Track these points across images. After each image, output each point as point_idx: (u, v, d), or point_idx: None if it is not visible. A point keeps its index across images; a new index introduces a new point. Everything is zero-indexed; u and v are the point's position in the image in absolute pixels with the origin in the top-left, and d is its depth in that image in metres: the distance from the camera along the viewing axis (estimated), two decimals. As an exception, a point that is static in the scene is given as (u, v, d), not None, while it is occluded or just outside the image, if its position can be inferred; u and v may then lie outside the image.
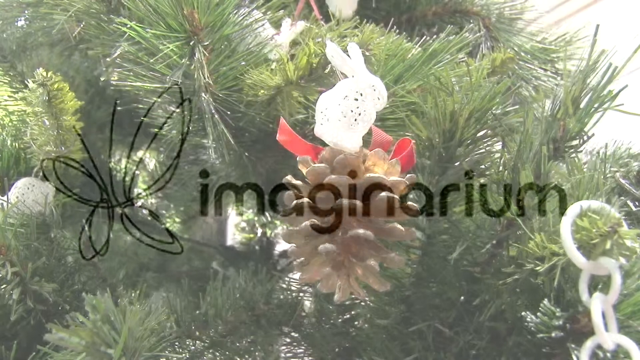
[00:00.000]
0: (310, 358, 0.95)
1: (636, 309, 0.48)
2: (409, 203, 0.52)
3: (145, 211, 1.39)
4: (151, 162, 1.47)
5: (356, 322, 0.87)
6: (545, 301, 0.48)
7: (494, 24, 1.05)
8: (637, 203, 0.69)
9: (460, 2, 1.07)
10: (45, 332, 0.65)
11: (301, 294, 0.89)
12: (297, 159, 0.52)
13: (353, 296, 0.86)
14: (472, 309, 0.68)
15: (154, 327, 0.52)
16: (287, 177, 0.53)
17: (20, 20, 1.04)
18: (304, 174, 0.52)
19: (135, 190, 1.38)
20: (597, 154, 0.73)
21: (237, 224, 1.53)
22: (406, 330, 0.75)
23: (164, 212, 1.34)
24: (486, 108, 0.61)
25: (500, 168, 0.62)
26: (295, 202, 0.50)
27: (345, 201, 0.48)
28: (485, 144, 0.64)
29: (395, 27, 1.07)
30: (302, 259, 0.53)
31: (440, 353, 0.73)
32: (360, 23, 0.77)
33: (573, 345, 0.44)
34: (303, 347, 0.89)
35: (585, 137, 0.52)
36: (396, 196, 0.49)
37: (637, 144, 0.78)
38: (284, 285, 0.90)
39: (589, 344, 0.42)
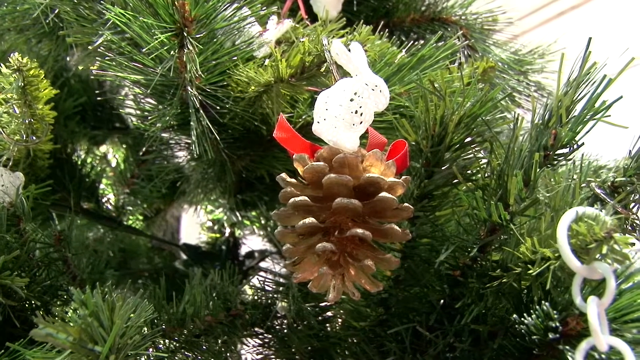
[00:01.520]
0: (278, 360, 0.94)
1: (618, 314, 0.50)
2: (405, 204, 0.52)
3: (109, 206, 1.36)
4: (114, 157, 1.44)
5: (330, 324, 0.87)
6: (545, 304, 0.49)
7: (472, 33, 1.07)
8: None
9: (439, 10, 1.09)
10: (14, 328, 0.62)
11: (276, 295, 0.88)
12: (294, 156, 0.52)
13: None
14: (453, 312, 0.69)
15: (140, 324, 0.50)
16: (281, 174, 0.53)
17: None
18: (301, 172, 0.51)
19: (101, 186, 1.34)
20: (573, 164, 0.75)
21: (203, 223, 1.50)
22: (384, 333, 0.76)
23: (129, 208, 1.30)
24: (476, 114, 0.62)
25: (488, 174, 0.63)
26: (293, 200, 0.50)
27: (345, 200, 0.48)
28: (473, 150, 0.65)
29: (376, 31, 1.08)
30: (295, 258, 0.52)
31: (417, 355, 0.73)
32: (347, 24, 0.77)
33: (567, 347, 0.46)
34: (274, 349, 0.88)
35: (575, 146, 0.54)
36: (394, 197, 0.49)
37: (609, 155, 0.81)
38: (259, 285, 0.89)
39: (583, 345, 0.43)
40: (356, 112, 0.49)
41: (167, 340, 0.79)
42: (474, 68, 0.80)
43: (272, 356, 0.90)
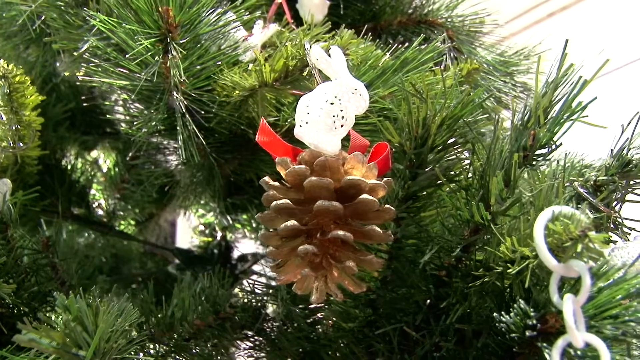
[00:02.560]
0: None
1: (598, 311, 0.50)
2: (386, 206, 0.52)
3: (100, 212, 1.36)
4: (105, 162, 1.44)
5: (320, 326, 0.87)
6: (522, 302, 0.49)
7: (457, 35, 1.08)
8: (594, 211, 0.72)
9: (425, 13, 1.10)
10: (1, 335, 0.62)
11: (266, 298, 0.89)
12: (276, 160, 0.52)
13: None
14: (438, 312, 0.69)
15: (124, 329, 0.51)
16: (264, 178, 0.53)
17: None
18: (283, 175, 0.52)
19: (92, 191, 1.34)
20: (557, 163, 0.76)
21: (196, 227, 1.51)
22: (372, 334, 0.76)
23: (121, 212, 1.31)
24: (458, 116, 0.63)
25: (470, 174, 0.64)
26: (275, 203, 0.50)
27: (326, 203, 0.48)
28: (455, 151, 0.65)
29: (359, 35, 1.09)
30: (279, 260, 0.53)
31: (405, 355, 0.74)
32: (332, 28, 0.78)
33: (545, 344, 0.46)
34: (265, 352, 0.89)
35: (553, 146, 0.55)
36: (375, 198, 0.50)
37: (593, 154, 0.82)
38: (249, 289, 0.89)
39: (560, 342, 0.44)
40: (336, 115, 0.50)
41: (156, 345, 0.79)
42: (458, 70, 0.81)
43: (264, 359, 0.90)
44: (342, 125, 0.50)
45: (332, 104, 0.50)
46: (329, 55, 0.51)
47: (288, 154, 0.53)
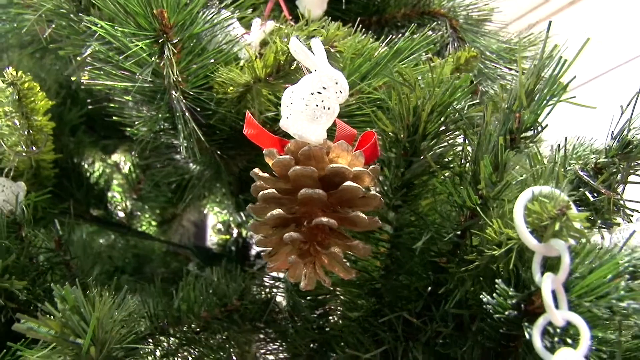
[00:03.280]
0: (284, 355, 0.96)
1: (588, 289, 0.50)
2: (372, 192, 0.53)
3: (121, 213, 1.40)
4: (126, 165, 1.47)
5: (329, 318, 0.88)
6: (502, 283, 0.50)
7: (461, 25, 1.08)
8: (595, 194, 0.72)
9: (428, 4, 1.10)
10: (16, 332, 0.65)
11: (274, 290, 0.90)
12: (264, 151, 0.54)
13: (324, 292, 0.88)
14: (438, 298, 0.70)
15: (123, 319, 0.53)
16: (254, 169, 0.55)
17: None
18: (270, 166, 0.53)
19: (110, 193, 1.38)
20: (558, 147, 0.76)
21: (214, 225, 1.54)
22: (376, 322, 0.77)
23: (138, 213, 1.34)
24: (447, 103, 0.63)
25: (463, 160, 0.64)
26: (262, 193, 0.52)
27: (309, 191, 0.49)
28: (448, 138, 0.66)
29: (364, 28, 1.10)
30: (270, 249, 0.54)
31: (410, 343, 0.74)
32: (330, 24, 0.79)
33: (526, 324, 0.47)
34: (277, 344, 0.90)
35: (539, 128, 0.55)
36: (359, 185, 0.51)
37: (599, 141, 0.81)
38: (257, 281, 0.91)
39: (540, 321, 0.44)
40: (318, 105, 0.51)
41: (168, 338, 0.82)
42: (456, 58, 0.81)
43: (275, 350, 0.92)
44: (325, 116, 0.51)
45: (313, 94, 0.51)
46: (310, 48, 0.52)
47: (275, 145, 0.55)
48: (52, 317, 0.47)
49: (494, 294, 0.50)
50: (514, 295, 0.48)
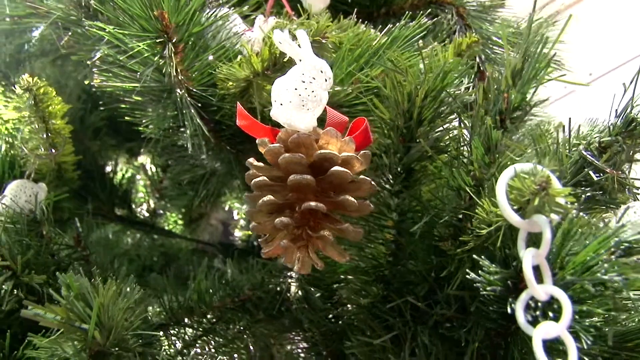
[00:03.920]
0: (304, 344, 0.98)
1: (580, 266, 0.50)
2: (362, 177, 0.55)
3: (146, 213, 1.44)
4: (151, 166, 1.52)
5: (340, 308, 0.90)
6: (484, 259, 0.50)
7: (469, 12, 1.08)
8: (599, 174, 0.71)
9: (435, -8, 1.10)
10: (37, 323, 0.69)
11: (289, 280, 0.92)
12: (257, 141, 0.56)
13: (335, 280, 0.90)
14: (442, 282, 0.70)
15: (130, 307, 0.55)
16: (249, 159, 0.57)
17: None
18: (263, 154, 0.55)
19: (135, 193, 1.42)
20: (562, 128, 0.75)
21: (236, 221, 1.57)
22: (385, 308, 0.78)
23: (161, 212, 1.38)
24: (441, 87, 0.64)
25: (458, 144, 0.65)
26: (253, 181, 0.53)
27: (298, 176, 0.51)
28: (443, 122, 0.66)
29: (372, 20, 1.10)
30: (267, 235, 0.56)
31: (418, 328, 0.75)
32: (334, 17, 0.80)
33: (510, 299, 0.47)
34: (293, 333, 0.92)
35: (527, 108, 0.55)
36: (347, 170, 0.52)
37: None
38: (273, 273, 0.93)
39: (523, 296, 0.45)
40: (304, 94, 0.53)
41: (185, 329, 0.85)
42: (457, 44, 0.82)
43: (291, 340, 0.94)
44: (310, 103, 0.52)
45: (299, 84, 0.52)
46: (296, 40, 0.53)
47: (267, 135, 0.56)
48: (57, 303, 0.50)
49: (480, 271, 0.50)
50: (497, 272, 0.49)
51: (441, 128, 0.66)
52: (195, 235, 1.64)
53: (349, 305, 0.89)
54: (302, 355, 0.99)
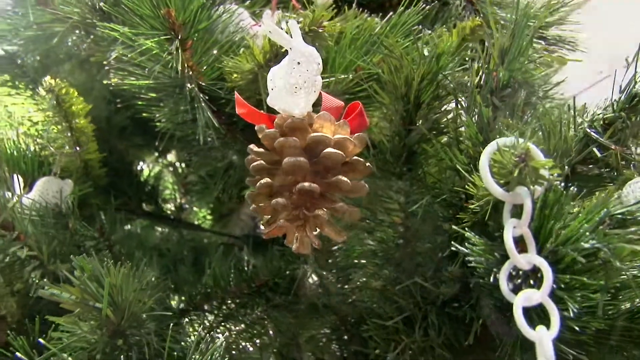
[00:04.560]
0: (326, 330, 1.00)
1: (570, 236, 0.51)
2: (356, 158, 0.57)
3: (173, 208, 1.49)
4: (178, 163, 1.57)
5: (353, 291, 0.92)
6: (468, 231, 0.52)
7: (479, -2, 1.08)
8: (603, 151, 0.71)
9: (446, -20, 1.11)
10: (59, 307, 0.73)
11: (305, 266, 0.95)
12: (255, 128, 0.58)
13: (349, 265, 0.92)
14: (448, 262, 0.72)
15: (143, 289, 0.59)
16: (250, 145, 0.59)
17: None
18: (260, 139, 0.58)
19: (162, 189, 1.47)
20: (568, 107, 0.76)
21: (260, 214, 1.60)
22: (395, 290, 0.80)
23: (187, 207, 1.42)
24: (436, 70, 0.65)
25: (456, 124, 0.66)
26: (251, 165, 0.56)
27: (292, 159, 0.53)
28: (441, 105, 0.68)
29: (384, 11, 1.12)
30: (269, 217, 0.59)
31: (427, 307, 0.77)
32: (340, 9, 0.83)
33: (495, 270, 0.48)
34: (307, 318, 0.95)
35: (516, 86, 0.56)
36: (340, 152, 0.54)
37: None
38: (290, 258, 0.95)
39: (506, 265, 0.46)
40: (296, 80, 0.55)
41: (205, 314, 0.88)
42: (461, 28, 0.82)
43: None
44: (302, 88, 0.55)
45: (290, 70, 0.55)
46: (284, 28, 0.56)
47: (266, 122, 0.59)
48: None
49: (466, 243, 0.52)
50: (483, 243, 0.50)
51: (440, 110, 0.68)
52: (227, 231, 1.68)
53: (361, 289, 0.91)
54: (323, 340, 1.01)
